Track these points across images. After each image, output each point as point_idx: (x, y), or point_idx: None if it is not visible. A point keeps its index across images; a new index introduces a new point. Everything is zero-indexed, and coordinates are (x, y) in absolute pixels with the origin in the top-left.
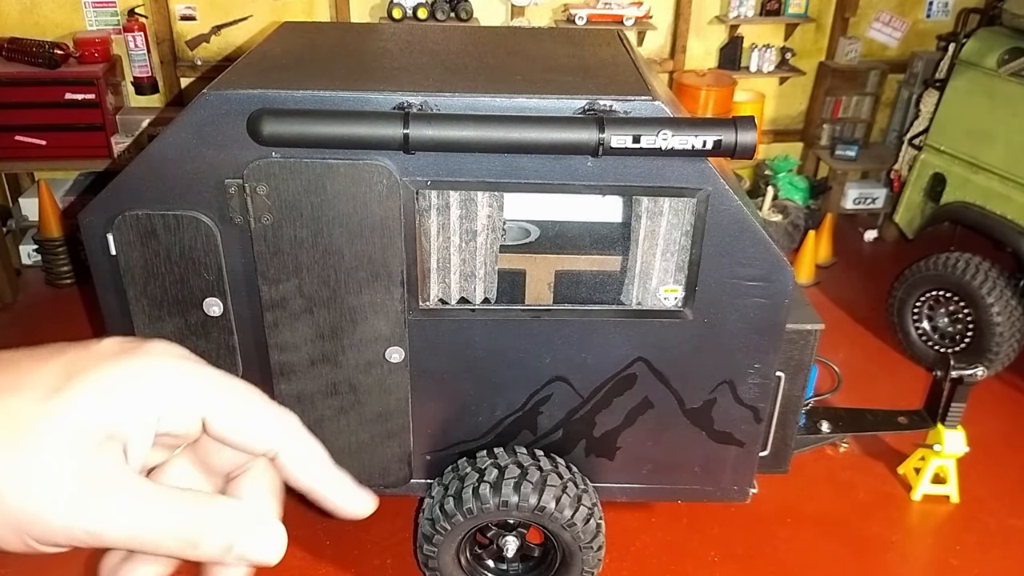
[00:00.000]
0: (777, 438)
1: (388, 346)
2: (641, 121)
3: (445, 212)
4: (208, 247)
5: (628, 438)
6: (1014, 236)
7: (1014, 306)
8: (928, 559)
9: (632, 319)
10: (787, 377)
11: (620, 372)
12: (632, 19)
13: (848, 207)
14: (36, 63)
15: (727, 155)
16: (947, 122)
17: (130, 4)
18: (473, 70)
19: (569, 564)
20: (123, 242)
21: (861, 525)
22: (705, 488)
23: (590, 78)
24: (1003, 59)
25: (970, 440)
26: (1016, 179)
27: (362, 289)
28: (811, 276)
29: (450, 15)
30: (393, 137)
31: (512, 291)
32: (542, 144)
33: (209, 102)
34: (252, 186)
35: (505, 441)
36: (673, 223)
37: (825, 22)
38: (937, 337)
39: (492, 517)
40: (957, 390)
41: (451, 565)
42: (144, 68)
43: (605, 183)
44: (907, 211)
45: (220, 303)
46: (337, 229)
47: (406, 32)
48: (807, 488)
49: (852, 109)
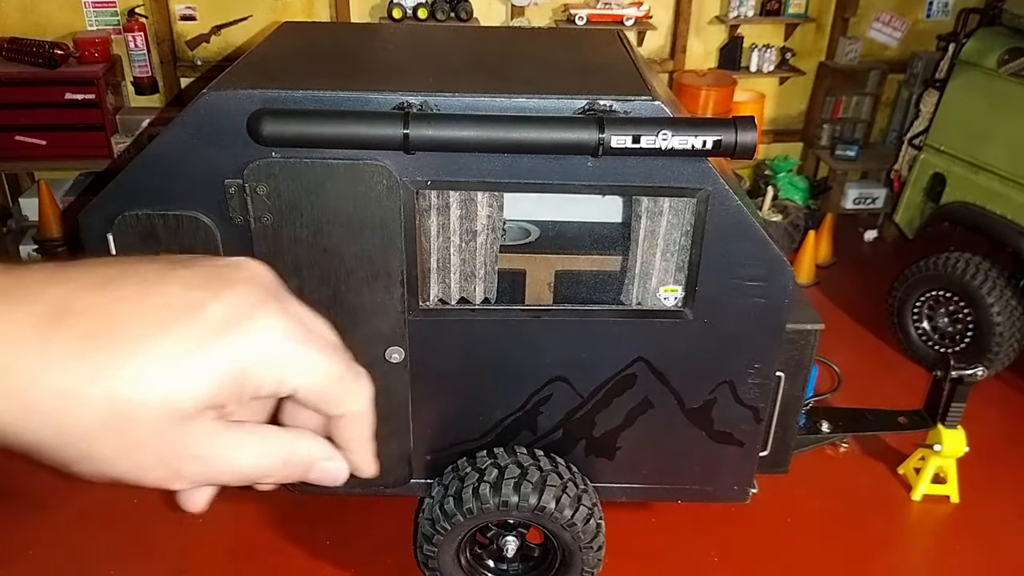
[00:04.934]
0: (777, 438)
1: (388, 346)
2: (641, 121)
3: (445, 212)
4: (208, 247)
5: (628, 438)
6: (1014, 236)
7: (1014, 306)
8: (928, 559)
9: (632, 319)
10: (787, 377)
11: (620, 372)
12: (632, 19)
13: (848, 207)
14: (36, 63)
15: (727, 155)
16: (947, 122)
17: (130, 4)
18: (473, 70)
19: (569, 564)
20: (123, 242)
21: (861, 525)
22: (705, 488)
23: (590, 78)
24: (1003, 59)
25: (970, 440)
26: (1016, 179)
27: (362, 289)
28: (811, 276)
29: (450, 15)
30: (393, 137)
31: (512, 291)
32: (542, 144)
33: (209, 102)
34: (252, 186)
35: (505, 441)
36: (673, 223)
37: (825, 22)
38: (937, 337)
39: (492, 517)
40: (957, 390)
41: (451, 565)
42: (144, 68)
43: (605, 183)
44: (907, 211)
45: None
46: (337, 229)
47: (406, 32)
48: (807, 488)
49: (852, 109)
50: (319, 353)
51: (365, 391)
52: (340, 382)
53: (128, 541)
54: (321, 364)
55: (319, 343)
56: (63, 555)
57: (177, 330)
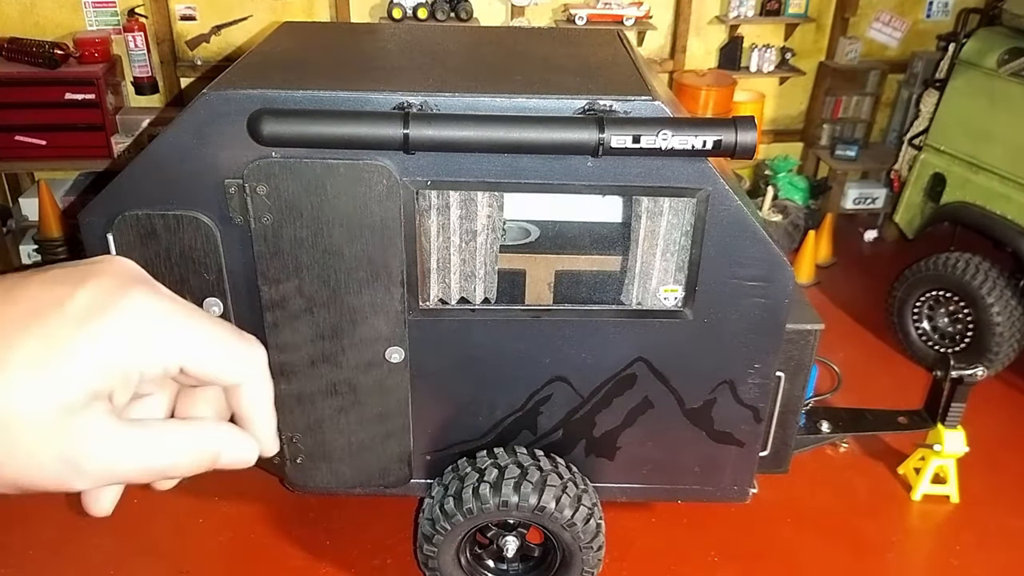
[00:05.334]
0: (777, 438)
1: (388, 346)
2: (641, 121)
3: (445, 212)
4: (208, 247)
5: (628, 438)
6: (1014, 236)
7: (1014, 306)
8: (928, 559)
9: (632, 319)
10: (787, 377)
11: (620, 372)
12: (632, 19)
13: (848, 207)
14: (36, 63)
15: (727, 155)
16: (947, 122)
17: (130, 4)
18: (473, 70)
19: (569, 564)
20: (123, 242)
21: (861, 525)
22: (705, 488)
23: (590, 78)
24: (1003, 59)
25: (970, 440)
26: (1016, 179)
27: (362, 289)
28: (811, 276)
29: (450, 15)
30: (393, 137)
31: (512, 291)
32: (542, 144)
33: (209, 102)
34: (252, 186)
35: (505, 441)
36: (673, 223)
37: (825, 22)
38: (937, 337)
39: (492, 517)
40: (957, 390)
41: (451, 565)
42: (144, 68)
43: (605, 183)
44: (907, 211)
45: (220, 303)
46: (337, 229)
47: (406, 32)
48: (807, 488)
49: (852, 109)
50: (199, 322)
51: (258, 356)
52: (227, 347)
53: (128, 541)
54: (202, 332)
55: (197, 314)
56: (63, 555)
57: (39, 328)
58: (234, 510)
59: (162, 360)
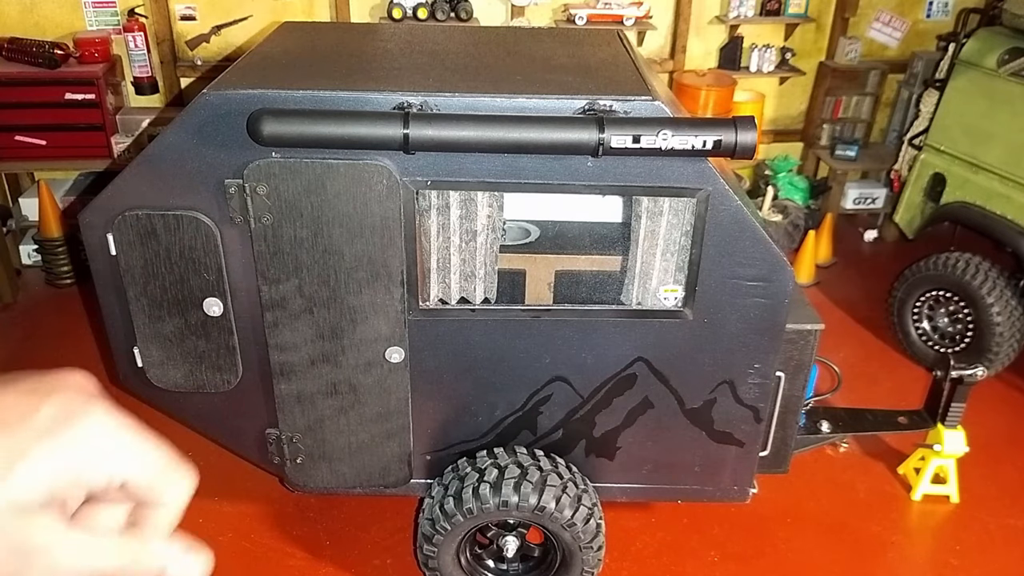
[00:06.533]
0: (777, 438)
1: (388, 346)
2: (641, 121)
3: (445, 212)
4: (208, 247)
5: (628, 438)
6: (1014, 236)
7: (1014, 306)
8: (928, 559)
9: (632, 319)
10: (787, 377)
11: (620, 372)
12: (632, 19)
13: (848, 207)
14: (36, 63)
15: (727, 155)
16: (947, 122)
17: (130, 4)
18: (473, 70)
19: (569, 564)
20: (123, 242)
21: (861, 525)
22: (705, 488)
23: (590, 78)
24: (1003, 59)
25: (970, 440)
26: (1016, 179)
27: (362, 289)
28: (811, 276)
29: (450, 15)
30: (393, 137)
31: (512, 291)
32: (542, 144)
33: (209, 102)
34: (252, 186)
35: (505, 441)
36: (673, 223)
37: (825, 22)
38: (937, 337)
39: (492, 517)
40: (957, 390)
41: (451, 565)
42: (144, 68)
43: (605, 183)
44: (907, 211)
45: (220, 303)
46: (337, 229)
47: (406, 32)
48: (807, 488)
49: (852, 109)
50: (147, 444)
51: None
52: (169, 471)
53: None
54: (150, 454)
55: (145, 437)
56: None
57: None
58: (234, 510)
59: (108, 473)
